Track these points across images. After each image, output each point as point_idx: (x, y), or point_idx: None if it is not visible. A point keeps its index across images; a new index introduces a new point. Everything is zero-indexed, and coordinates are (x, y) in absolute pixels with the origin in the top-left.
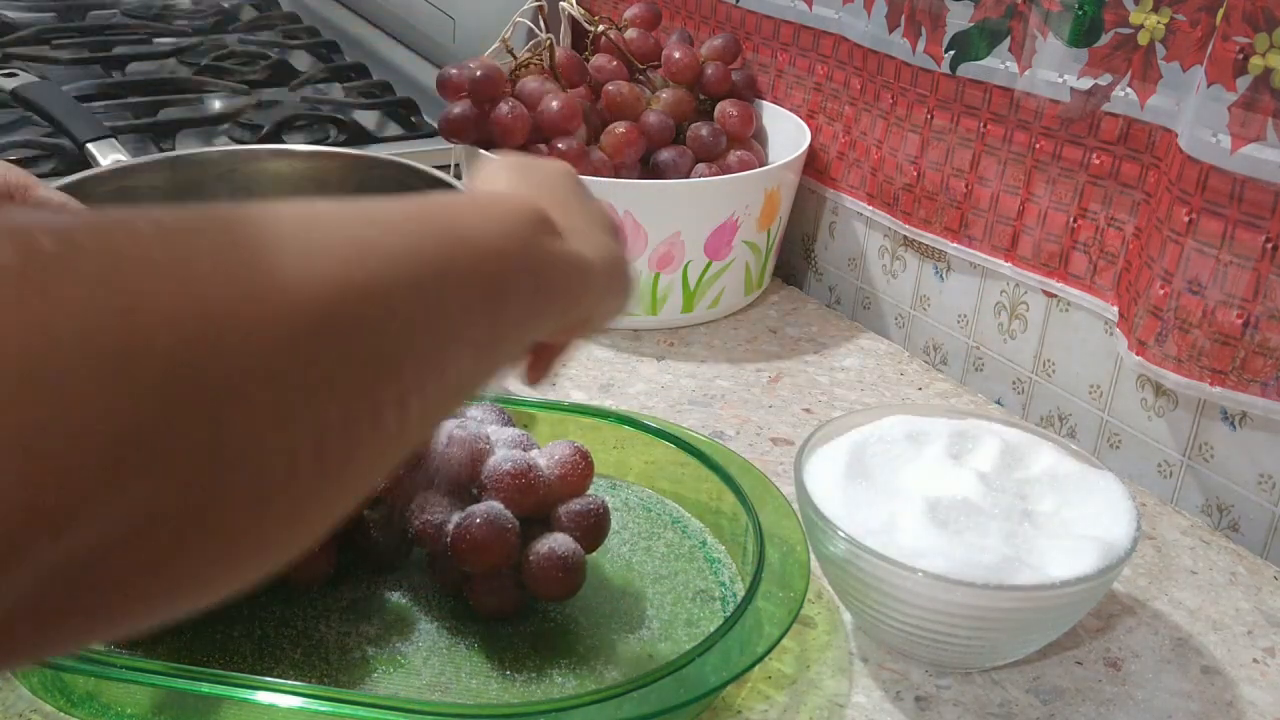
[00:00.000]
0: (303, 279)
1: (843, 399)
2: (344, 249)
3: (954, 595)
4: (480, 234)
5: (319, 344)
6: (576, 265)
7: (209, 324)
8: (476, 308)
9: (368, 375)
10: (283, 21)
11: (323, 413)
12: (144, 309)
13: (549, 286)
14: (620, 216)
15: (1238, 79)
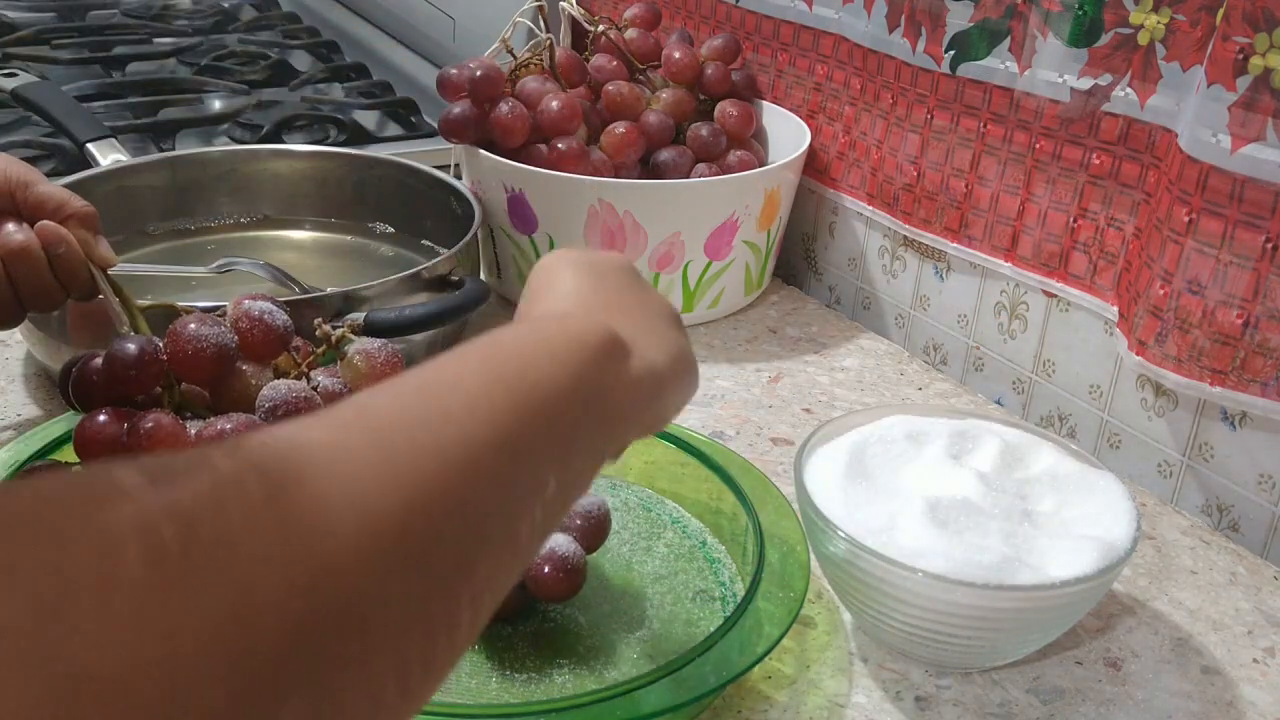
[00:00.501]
0: (393, 513)
1: (843, 399)
2: (431, 468)
3: (954, 595)
4: (552, 385)
5: (404, 579)
6: (648, 382)
7: (315, 594)
8: (549, 467)
9: (447, 591)
10: (283, 21)
11: (406, 644)
12: (255, 604)
13: (622, 415)
14: (620, 216)
15: (1238, 79)
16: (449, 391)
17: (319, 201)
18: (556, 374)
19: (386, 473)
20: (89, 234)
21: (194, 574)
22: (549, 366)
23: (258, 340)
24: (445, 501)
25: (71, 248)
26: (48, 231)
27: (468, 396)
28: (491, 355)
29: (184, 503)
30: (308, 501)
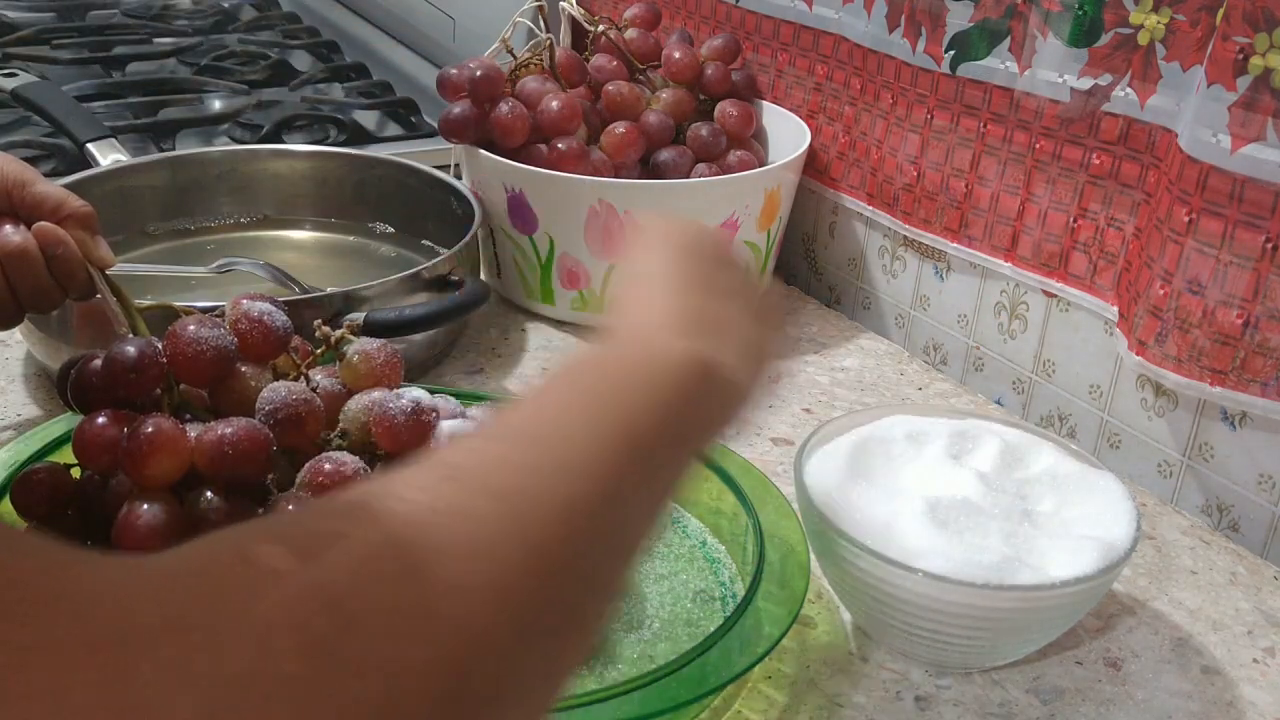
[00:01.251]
0: (524, 577)
1: (843, 399)
2: (553, 526)
3: (954, 595)
4: (653, 432)
5: (532, 642)
6: (734, 398)
7: (454, 666)
8: (646, 506)
9: (565, 644)
10: (283, 21)
11: (533, 700)
12: (404, 684)
13: (709, 432)
14: (620, 216)
15: (1238, 79)
16: (562, 445)
17: (319, 201)
18: (652, 413)
19: (515, 538)
20: (87, 234)
21: (346, 663)
22: (645, 406)
23: (257, 341)
24: (567, 561)
25: (69, 248)
26: (45, 232)
27: (579, 451)
28: (598, 397)
29: (330, 585)
30: (445, 574)
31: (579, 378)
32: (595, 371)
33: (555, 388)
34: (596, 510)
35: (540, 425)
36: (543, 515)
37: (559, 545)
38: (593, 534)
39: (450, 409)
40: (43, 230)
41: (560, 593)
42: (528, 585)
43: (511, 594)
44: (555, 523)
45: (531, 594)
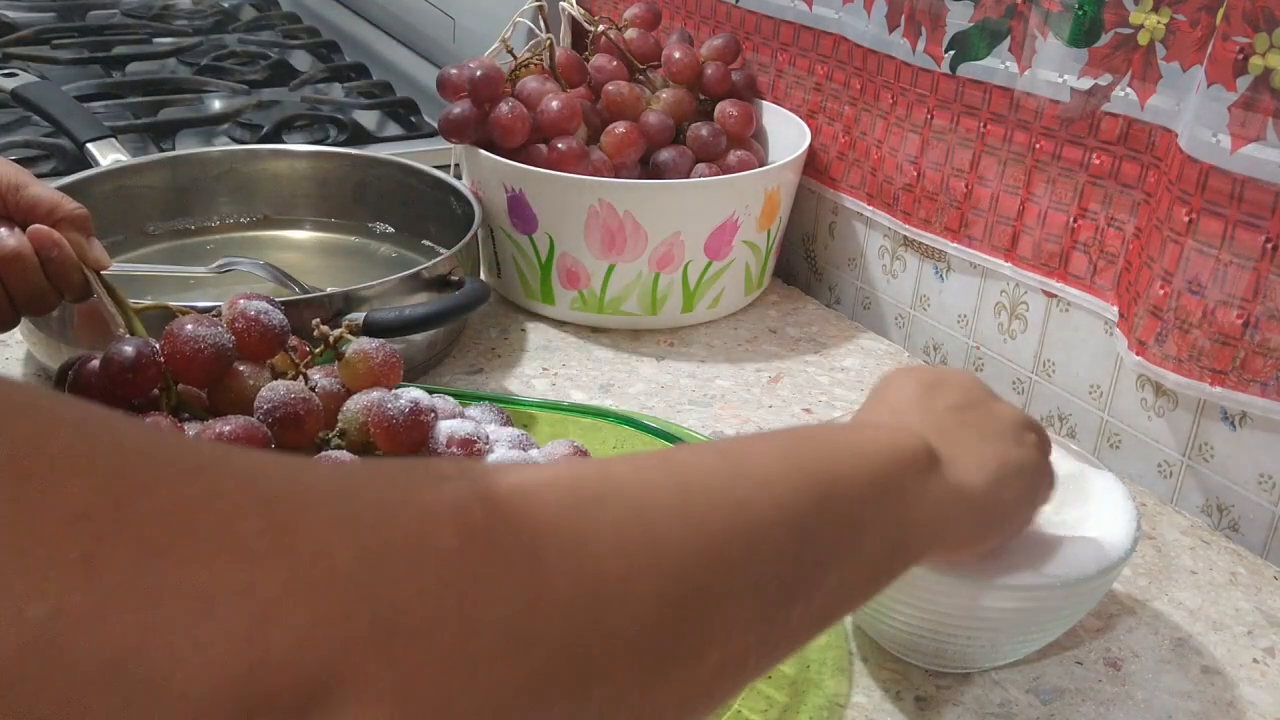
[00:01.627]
0: (681, 553)
1: (843, 399)
2: (720, 518)
3: (954, 595)
4: (849, 483)
5: (665, 618)
6: (959, 497)
7: (596, 605)
8: (833, 560)
9: (700, 647)
10: (283, 21)
11: (653, 687)
12: (545, 599)
13: (920, 525)
14: (620, 216)
15: (1238, 79)
16: (751, 460)
17: (319, 201)
18: (856, 472)
19: (679, 513)
20: (82, 236)
21: (497, 556)
22: (850, 463)
23: (254, 340)
24: (726, 560)
25: (64, 251)
26: (40, 235)
27: (766, 470)
28: (800, 442)
29: (496, 492)
30: (608, 521)
31: (797, 431)
32: (816, 429)
33: (770, 433)
34: (767, 526)
35: (740, 445)
36: (712, 502)
37: (718, 537)
38: (759, 544)
39: (449, 409)
40: (37, 234)
41: (708, 585)
42: (680, 560)
43: (662, 561)
44: (721, 514)
45: (680, 570)
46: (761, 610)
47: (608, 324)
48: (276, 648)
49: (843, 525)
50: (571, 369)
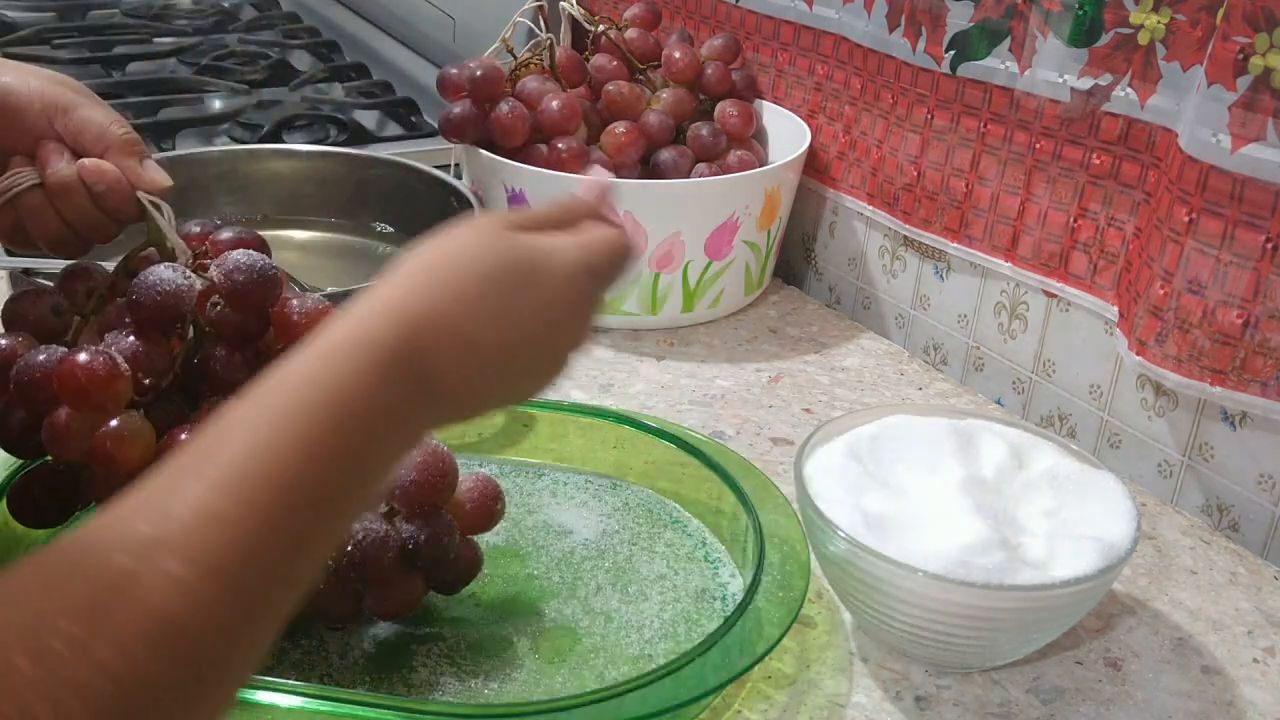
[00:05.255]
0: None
1: (843, 399)
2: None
3: (954, 595)
4: (324, 438)
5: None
6: (443, 423)
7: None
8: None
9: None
10: (283, 21)
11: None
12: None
13: (404, 440)
14: (621, 216)
15: (1238, 79)
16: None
17: (319, 201)
18: (329, 412)
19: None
20: (134, 160)
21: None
22: (325, 414)
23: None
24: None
25: (111, 181)
26: (87, 169)
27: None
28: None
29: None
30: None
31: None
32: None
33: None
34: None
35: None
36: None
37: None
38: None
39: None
40: (84, 168)
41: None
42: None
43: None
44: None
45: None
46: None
47: (608, 324)
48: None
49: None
50: (571, 369)
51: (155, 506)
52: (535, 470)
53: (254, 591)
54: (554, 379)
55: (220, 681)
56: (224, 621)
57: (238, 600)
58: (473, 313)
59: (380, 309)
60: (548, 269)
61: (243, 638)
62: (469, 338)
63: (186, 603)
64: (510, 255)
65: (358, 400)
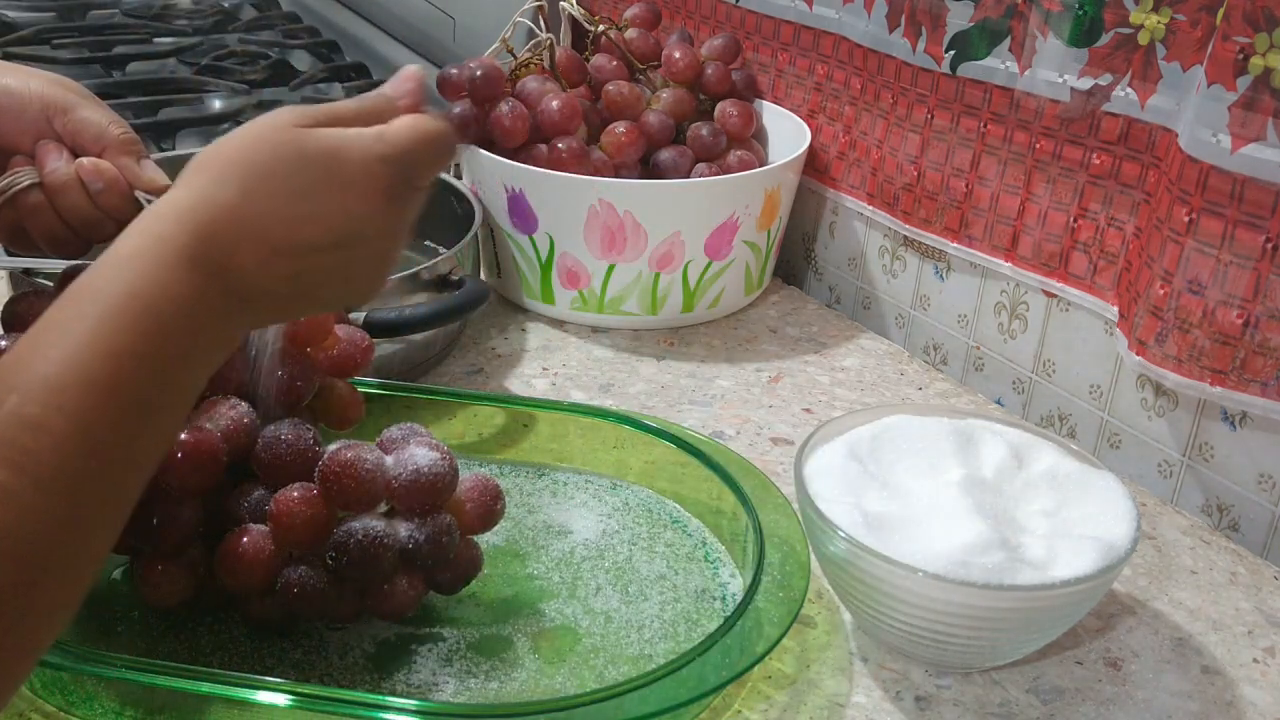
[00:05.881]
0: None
1: (843, 399)
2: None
3: (954, 595)
4: (124, 346)
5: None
6: (256, 310)
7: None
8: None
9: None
10: (283, 21)
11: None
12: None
13: (214, 338)
14: (620, 216)
15: (1238, 79)
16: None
17: None
18: (125, 320)
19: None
20: (132, 160)
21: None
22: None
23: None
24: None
25: (109, 181)
26: (85, 168)
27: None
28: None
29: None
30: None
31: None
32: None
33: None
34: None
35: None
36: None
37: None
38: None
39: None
40: (81, 167)
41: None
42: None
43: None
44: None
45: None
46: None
47: (608, 324)
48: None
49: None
50: (571, 369)
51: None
52: (535, 470)
53: (78, 492)
54: (380, 276)
55: (55, 584)
56: (51, 523)
57: (62, 501)
58: (264, 207)
59: (167, 210)
60: (342, 161)
61: (73, 537)
62: (263, 232)
63: (11, 508)
64: (299, 148)
65: (153, 301)
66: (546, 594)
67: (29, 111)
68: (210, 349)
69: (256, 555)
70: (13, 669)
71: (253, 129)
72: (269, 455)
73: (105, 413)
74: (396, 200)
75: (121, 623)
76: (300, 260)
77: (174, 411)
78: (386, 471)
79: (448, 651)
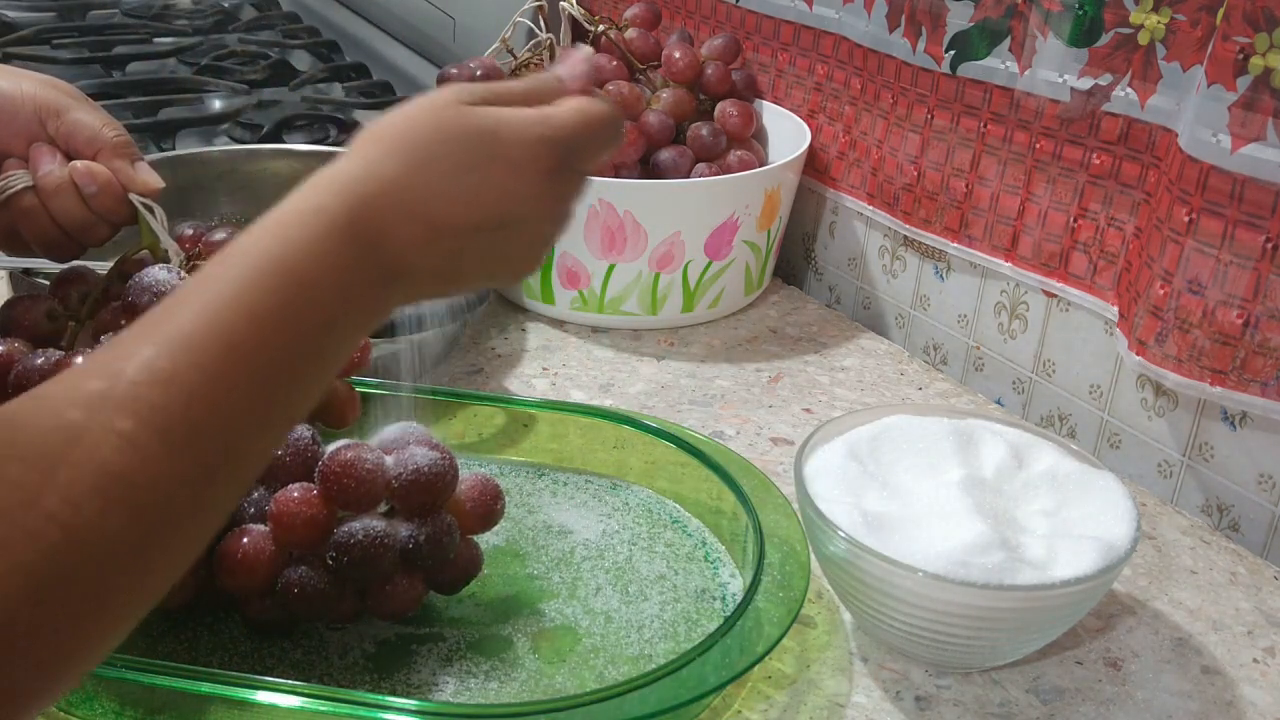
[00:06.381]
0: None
1: (843, 399)
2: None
3: (954, 595)
4: (278, 315)
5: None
6: (407, 286)
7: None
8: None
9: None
10: (283, 21)
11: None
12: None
13: (361, 312)
14: (621, 216)
15: (1238, 79)
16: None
17: None
18: (286, 296)
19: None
20: (125, 163)
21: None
22: (279, 294)
23: None
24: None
25: (102, 184)
26: (78, 171)
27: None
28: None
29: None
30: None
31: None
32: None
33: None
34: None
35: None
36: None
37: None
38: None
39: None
40: (75, 170)
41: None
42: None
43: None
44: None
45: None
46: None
47: (608, 324)
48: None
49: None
50: (571, 369)
51: (109, 366)
52: (535, 470)
53: (203, 452)
54: (535, 259)
55: (169, 540)
56: (173, 480)
57: (186, 459)
58: (424, 184)
59: (328, 182)
60: (504, 141)
61: (193, 498)
62: (422, 209)
63: (135, 459)
64: (462, 126)
65: (303, 268)
66: (546, 594)
67: (22, 114)
68: (358, 322)
69: (257, 556)
70: (117, 622)
71: (419, 104)
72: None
73: (241, 373)
74: (558, 182)
75: None
76: (459, 239)
77: (312, 381)
78: (387, 471)
79: (448, 651)
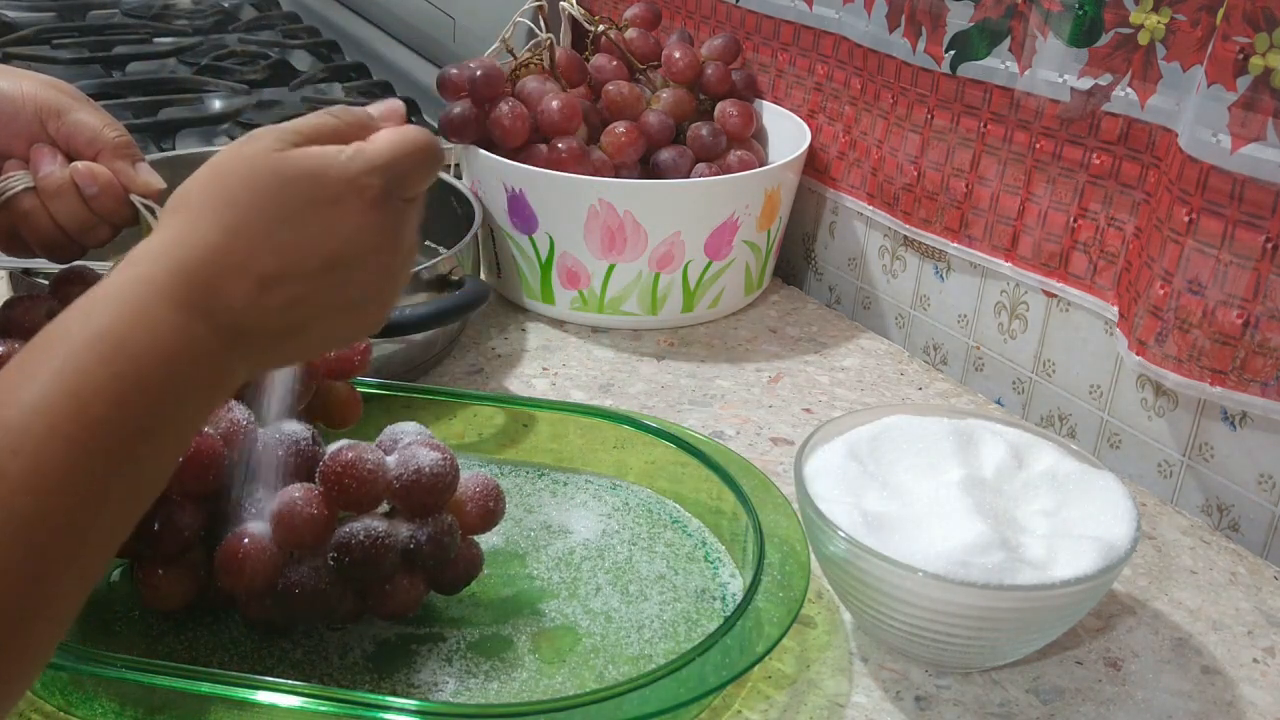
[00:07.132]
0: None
1: (843, 399)
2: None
3: (954, 595)
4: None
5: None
6: (255, 350)
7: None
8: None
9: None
10: (283, 21)
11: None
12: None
13: (203, 383)
14: (620, 216)
15: (1238, 79)
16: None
17: None
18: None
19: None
20: (126, 163)
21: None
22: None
23: None
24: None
25: (103, 185)
26: (79, 173)
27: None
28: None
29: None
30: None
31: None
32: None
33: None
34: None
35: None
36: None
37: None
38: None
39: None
40: (76, 171)
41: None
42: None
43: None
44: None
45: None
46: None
47: (608, 324)
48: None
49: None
50: (571, 369)
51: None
52: (535, 470)
53: (38, 540)
54: (387, 295)
55: (22, 633)
56: (11, 574)
57: (19, 550)
58: (247, 239)
59: (143, 253)
60: (322, 181)
61: (29, 590)
62: (248, 264)
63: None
64: (276, 173)
65: (127, 340)
66: (546, 594)
67: (22, 115)
68: (204, 390)
69: (258, 556)
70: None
71: (225, 159)
72: (269, 456)
73: (68, 457)
74: (387, 213)
75: (121, 623)
76: (293, 286)
77: (158, 458)
78: (388, 472)
79: (448, 651)
